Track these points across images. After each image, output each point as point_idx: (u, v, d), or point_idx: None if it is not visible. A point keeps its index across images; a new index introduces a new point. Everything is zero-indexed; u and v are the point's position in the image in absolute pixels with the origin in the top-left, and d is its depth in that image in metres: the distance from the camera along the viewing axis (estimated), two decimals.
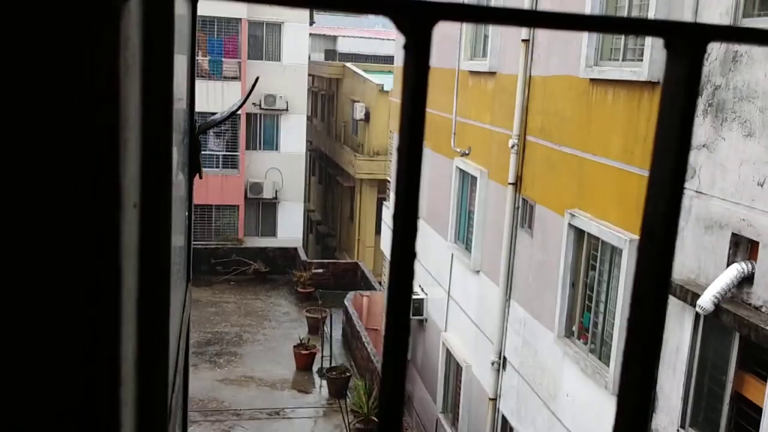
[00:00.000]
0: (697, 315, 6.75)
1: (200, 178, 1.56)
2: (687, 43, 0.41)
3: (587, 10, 8.99)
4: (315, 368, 18.15)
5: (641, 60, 8.01)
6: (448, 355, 13.86)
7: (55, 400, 0.49)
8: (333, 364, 17.81)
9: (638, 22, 0.42)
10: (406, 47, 0.40)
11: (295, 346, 18.38)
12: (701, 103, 7.13)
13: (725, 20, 6.72)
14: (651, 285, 0.47)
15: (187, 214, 1.49)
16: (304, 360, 18.13)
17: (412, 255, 0.47)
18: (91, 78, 0.40)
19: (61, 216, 0.44)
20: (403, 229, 0.41)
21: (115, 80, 0.40)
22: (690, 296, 6.71)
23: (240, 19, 26.05)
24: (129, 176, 0.45)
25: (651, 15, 7.69)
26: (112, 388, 0.50)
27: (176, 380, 1.27)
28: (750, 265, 6.26)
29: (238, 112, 25.38)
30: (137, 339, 0.70)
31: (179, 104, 1.52)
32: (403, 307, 0.48)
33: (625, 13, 8.53)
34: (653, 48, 7.69)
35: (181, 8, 1.28)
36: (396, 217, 0.41)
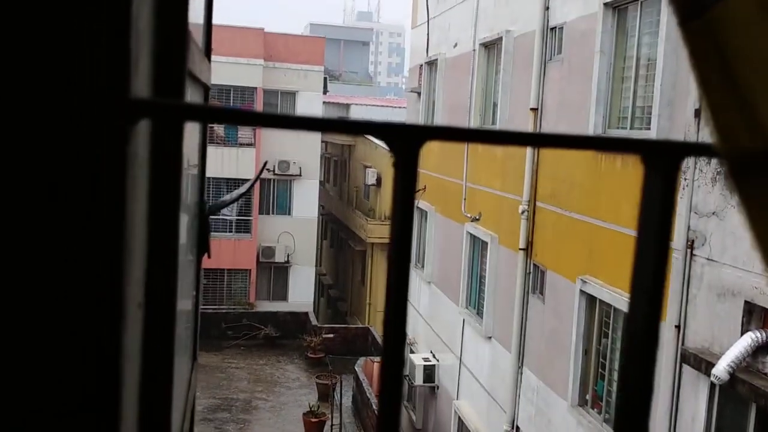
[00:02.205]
0: (712, 385, 6.63)
1: (209, 257, 1.59)
2: (662, 159, 0.44)
3: (593, 89, 9.15)
4: None
5: (649, 128, 8.10)
6: (461, 423, 13.58)
7: None
8: None
9: (616, 140, 0.44)
10: (395, 165, 0.43)
11: (304, 414, 18.07)
12: (710, 171, 7.16)
13: None
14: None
15: (194, 293, 1.51)
16: (314, 428, 17.80)
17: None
18: (97, 197, 0.43)
19: (62, 323, 0.46)
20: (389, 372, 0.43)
21: (122, 200, 0.43)
22: (704, 365, 6.60)
23: (255, 88, 26.62)
24: (133, 279, 0.47)
25: (657, 86, 7.81)
26: None
27: None
28: (764, 334, 6.17)
29: (251, 180, 25.68)
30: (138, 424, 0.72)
31: (191, 171, 1.56)
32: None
33: (631, 87, 8.67)
34: (660, 116, 7.79)
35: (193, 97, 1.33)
36: (384, 348, 0.43)
